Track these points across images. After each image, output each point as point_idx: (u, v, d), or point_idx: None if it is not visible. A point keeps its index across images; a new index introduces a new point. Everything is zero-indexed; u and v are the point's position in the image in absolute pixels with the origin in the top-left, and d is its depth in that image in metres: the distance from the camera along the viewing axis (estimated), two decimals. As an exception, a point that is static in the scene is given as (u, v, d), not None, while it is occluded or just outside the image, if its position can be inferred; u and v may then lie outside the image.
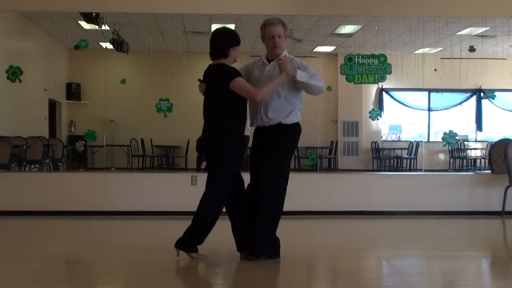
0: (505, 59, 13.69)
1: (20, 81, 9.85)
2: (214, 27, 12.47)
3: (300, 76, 5.73)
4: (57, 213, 9.33)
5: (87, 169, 13.31)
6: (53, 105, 14.82)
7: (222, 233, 5.99)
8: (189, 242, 5.79)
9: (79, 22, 11.28)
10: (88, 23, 10.99)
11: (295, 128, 5.89)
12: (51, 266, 5.73)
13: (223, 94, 5.78)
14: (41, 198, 9.48)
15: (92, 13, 10.51)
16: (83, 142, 11.76)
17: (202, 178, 9.99)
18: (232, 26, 12.35)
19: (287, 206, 5.98)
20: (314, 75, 5.77)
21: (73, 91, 15.56)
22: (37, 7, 9.85)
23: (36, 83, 13.34)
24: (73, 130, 15.36)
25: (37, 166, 11.68)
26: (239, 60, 5.97)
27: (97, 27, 11.00)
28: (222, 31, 6.08)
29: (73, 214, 9.35)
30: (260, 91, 5.71)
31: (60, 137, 14.54)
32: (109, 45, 12.56)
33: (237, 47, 6.00)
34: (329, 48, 15.27)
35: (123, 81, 13.42)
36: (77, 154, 13.02)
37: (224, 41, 5.95)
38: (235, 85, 5.72)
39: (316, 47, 14.55)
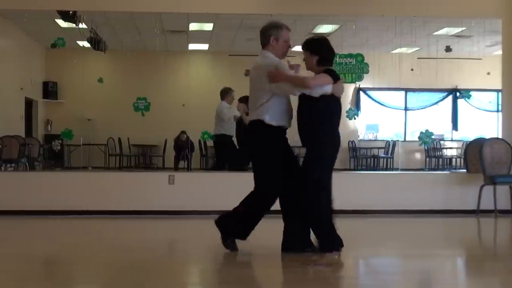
0: (480, 59, 13.80)
1: (-4, 79, 9.77)
2: (193, 26, 12.46)
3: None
4: (33, 212, 9.25)
5: (64, 169, 13.20)
6: (29, 104, 14.68)
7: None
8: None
9: (56, 20, 11.19)
10: (65, 21, 10.91)
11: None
12: (25, 266, 5.67)
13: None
14: (17, 198, 9.40)
15: (70, 12, 10.43)
16: (60, 141, 11.68)
17: (180, 177, 10.02)
18: (210, 26, 12.35)
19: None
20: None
21: (50, 90, 15.43)
22: (13, 5, 9.76)
23: (12, 82, 13.22)
24: (49, 129, 15.22)
25: (13, 165, 11.56)
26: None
27: (74, 25, 10.92)
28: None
29: (50, 213, 9.27)
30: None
31: (37, 136, 14.40)
32: (86, 44, 12.47)
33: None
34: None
35: (100, 80, 13.33)
36: (53, 153, 12.91)
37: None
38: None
39: (294, 46, 14.54)
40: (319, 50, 6.09)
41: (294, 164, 6.11)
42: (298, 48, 6.42)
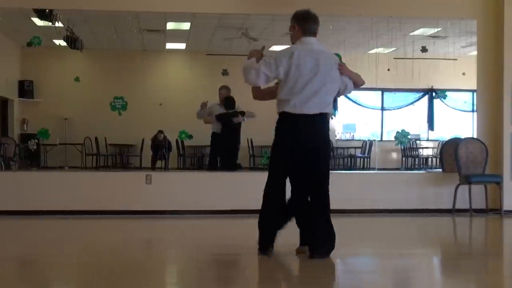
0: (456, 59, 13.89)
1: (-29, 78, 9.67)
2: (170, 25, 12.42)
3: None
4: (8, 213, 9.16)
5: (40, 168, 13.07)
6: (4, 103, 14.52)
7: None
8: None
9: (32, 18, 11.08)
10: (41, 19, 10.80)
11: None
12: (8, 267, 5.62)
13: None
14: (-8, 198, 9.30)
15: (46, 10, 10.35)
16: (36, 141, 11.56)
17: (157, 177, 9.98)
18: (187, 25, 12.31)
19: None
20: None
21: (25, 89, 15.27)
22: (-12, 3, 9.67)
23: (-13, 80, 13.07)
24: (25, 128, 15.06)
25: (-12, 165, 11.44)
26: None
27: (50, 24, 10.82)
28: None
29: (26, 214, 9.19)
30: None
31: (12, 135, 14.25)
32: (63, 43, 12.36)
33: None
34: (284, 47, 15.21)
35: (77, 79, 13.21)
36: (29, 153, 12.76)
37: None
38: None
39: (271, 46, 14.54)
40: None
41: None
42: (275, 48, 6.41)
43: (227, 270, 5.62)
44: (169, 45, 14.55)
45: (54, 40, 12.59)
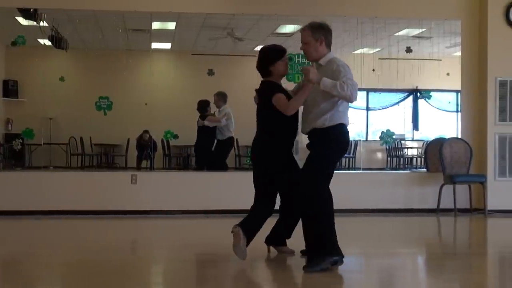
0: (440, 60, 13.92)
1: (-46, 78, 9.61)
2: (155, 25, 12.38)
3: (324, 85, 5.47)
4: (-7, 212, 9.11)
5: (25, 168, 13.00)
6: (-11, 103, 14.44)
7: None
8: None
9: (16, 18, 11.01)
10: (26, 19, 10.75)
11: (329, 132, 5.68)
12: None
13: (268, 108, 5.80)
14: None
15: (30, 9, 10.29)
16: (21, 141, 11.49)
17: (142, 177, 9.96)
18: (173, 25, 12.28)
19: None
20: (343, 83, 5.45)
21: (10, 89, 15.18)
22: (-28, 2, 9.60)
23: (-29, 80, 12.98)
24: (10, 128, 14.96)
25: (-28, 165, 11.36)
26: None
27: (35, 23, 10.76)
28: (263, 50, 6.04)
29: (9, 214, 9.13)
30: (289, 106, 5.72)
31: (-4, 135, 14.18)
32: (47, 42, 12.29)
33: (279, 61, 5.89)
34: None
35: (61, 79, 13.13)
36: (14, 153, 12.68)
37: (263, 61, 5.94)
38: (274, 100, 5.75)
39: (256, 46, 14.55)
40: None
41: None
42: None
43: (211, 270, 5.61)
44: (155, 45, 14.49)
45: (39, 40, 12.52)
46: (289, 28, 12.94)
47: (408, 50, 11.87)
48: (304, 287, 5.17)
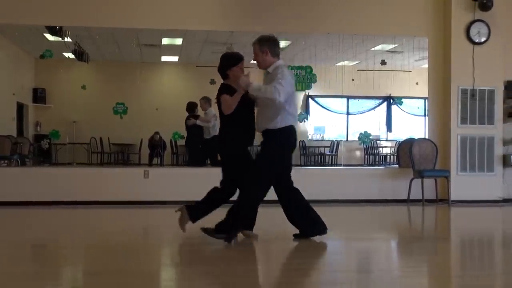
0: (410, 71, 13.94)
1: (-9, 86, 9.62)
2: (165, 40, 12.39)
3: (251, 89, 5.52)
4: (24, 203, 9.09)
5: (52, 164, 12.98)
6: (21, 108, 14.39)
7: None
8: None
9: (44, 34, 11.00)
10: (52, 35, 10.75)
11: (278, 133, 5.62)
12: (18, 250, 5.58)
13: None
14: (10, 191, 9.22)
15: (56, 27, 10.29)
16: (48, 141, 11.50)
17: (154, 172, 9.96)
18: (180, 40, 12.28)
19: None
20: (271, 86, 5.44)
21: (39, 96, 15.16)
22: (6, 20, 9.58)
23: (5, 88, 12.96)
24: (39, 129, 14.94)
25: (6, 161, 11.33)
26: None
27: (60, 39, 10.76)
28: (223, 56, 5.99)
29: (40, 204, 9.12)
30: (225, 107, 5.67)
31: (27, 136, 14.13)
32: (71, 55, 12.30)
33: (235, 67, 5.81)
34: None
35: (83, 87, 13.15)
36: (42, 151, 12.68)
37: (222, 65, 5.88)
38: (221, 99, 5.71)
39: (252, 59, 14.57)
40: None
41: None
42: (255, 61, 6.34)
43: (211, 251, 5.61)
44: (164, 58, 14.51)
45: (64, 53, 12.52)
46: (280, 44, 12.95)
47: (383, 62, 11.91)
48: (292, 268, 5.17)
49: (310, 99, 16.86)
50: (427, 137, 10.37)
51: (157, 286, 4.37)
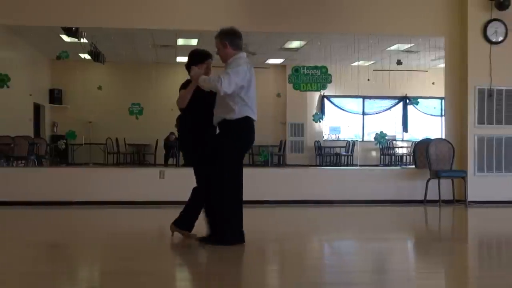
0: (426, 71, 13.86)
1: (8, 87, 9.71)
2: (180, 41, 12.40)
3: (199, 80, 5.51)
4: (41, 203, 9.14)
5: (68, 165, 13.06)
6: (37, 108, 14.50)
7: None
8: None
9: (60, 35, 11.07)
10: (68, 36, 10.80)
11: (236, 123, 5.55)
12: (33, 250, 5.61)
13: None
14: (27, 190, 9.29)
15: (72, 28, 10.34)
16: (64, 141, 11.56)
17: (169, 172, 9.97)
18: (195, 41, 12.29)
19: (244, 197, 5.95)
20: (213, 77, 5.47)
21: (55, 96, 15.26)
22: (23, 22, 9.65)
23: (22, 89, 13.04)
24: (55, 130, 15.05)
25: (23, 162, 11.42)
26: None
27: (76, 40, 10.82)
28: (190, 53, 6.02)
29: (56, 204, 9.18)
30: (179, 100, 5.80)
31: (44, 136, 14.23)
32: (87, 56, 12.36)
33: (200, 64, 5.82)
34: (278, 60, 15.30)
35: (99, 88, 13.22)
36: (59, 152, 12.75)
37: (188, 61, 5.96)
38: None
39: (267, 59, 14.55)
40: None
41: None
42: (270, 61, 6.34)
43: (226, 251, 5.61)
44: (179, 59, 14.50)
45: (80, 54, 12.59)
46: (295, 44, 12.94)
47: (399, 62, 11.84)
48: (306, 268, 5.15)
49: (325, 99, 16.83)
50: (443, 137, 10.30)
51: (172, 286, 4.37)
